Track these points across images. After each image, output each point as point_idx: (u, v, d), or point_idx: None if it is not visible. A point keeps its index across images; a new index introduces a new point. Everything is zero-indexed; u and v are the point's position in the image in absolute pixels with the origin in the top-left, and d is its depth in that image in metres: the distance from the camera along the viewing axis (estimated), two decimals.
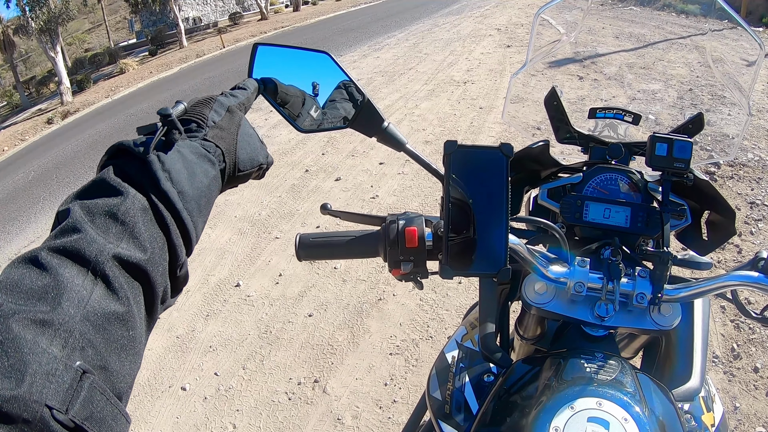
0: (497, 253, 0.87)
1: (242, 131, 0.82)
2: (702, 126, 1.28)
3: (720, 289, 0.99)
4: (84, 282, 0.54)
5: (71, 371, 0.49)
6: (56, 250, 0.54)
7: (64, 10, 29.06)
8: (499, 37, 12.29)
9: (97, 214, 0.59)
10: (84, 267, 0.55)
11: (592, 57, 5.02)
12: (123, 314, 0.56)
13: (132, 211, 0.61)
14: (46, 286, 0.51)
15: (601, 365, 0.94)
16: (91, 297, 0.54)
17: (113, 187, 0.62)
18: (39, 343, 0.48)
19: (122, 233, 0.59)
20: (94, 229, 0.57)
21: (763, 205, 4.17)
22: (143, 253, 0.60)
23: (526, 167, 1.40)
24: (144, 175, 0.65)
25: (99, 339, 0.53)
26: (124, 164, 0.65)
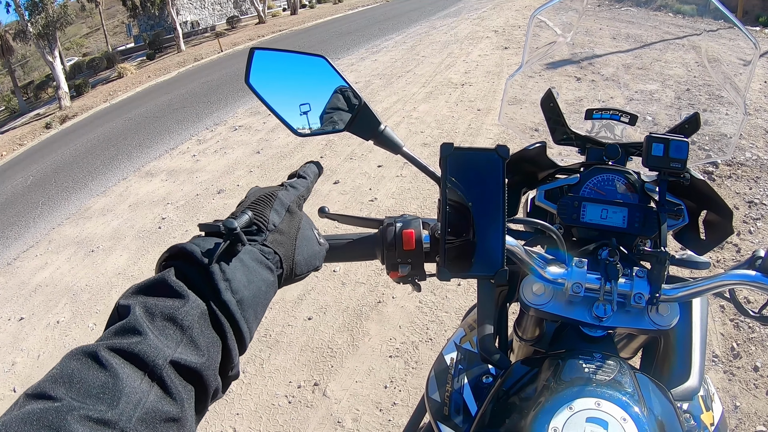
0: (494, 255, 0.87)
1: (301, 234, 0.83)
2: (698, 126, 1.29)
3: (718, 288, 0.99)
4: (141, 384, 0.55)
5: None
6: (116, 350, 0.56)
7: (62, 14, 29.07)
8: (496, 39, 12.30)
9: (158, 315, 0.60)
10: (142, 370, 0.56)
11: (589, 58, 5.02)
12: (176, 415, 0.57)
13: (191, 316, 0.62)
14: (105, 384, 0.52)
15: (599, 366, 0.94)
16: (148, 399, 0.54)
17: (174, 290, 0.63)
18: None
19: (180, 337, 0.60)
20: (153, 333, 0.58)
21: (761, 204, 4.17)
22: (199, 357, 0.61)
23: (523, 169, 1.40)
24: (204, 281, 0.66)
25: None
26: (185, 267, 0.66)
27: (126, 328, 0.58)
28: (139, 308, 0.60)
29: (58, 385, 0.51)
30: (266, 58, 1.03)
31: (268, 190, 0.82)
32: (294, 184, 0.87)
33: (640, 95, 3.24)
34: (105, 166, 11.25)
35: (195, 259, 0.67)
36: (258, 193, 0.82)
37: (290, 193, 0.85)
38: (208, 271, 0.66)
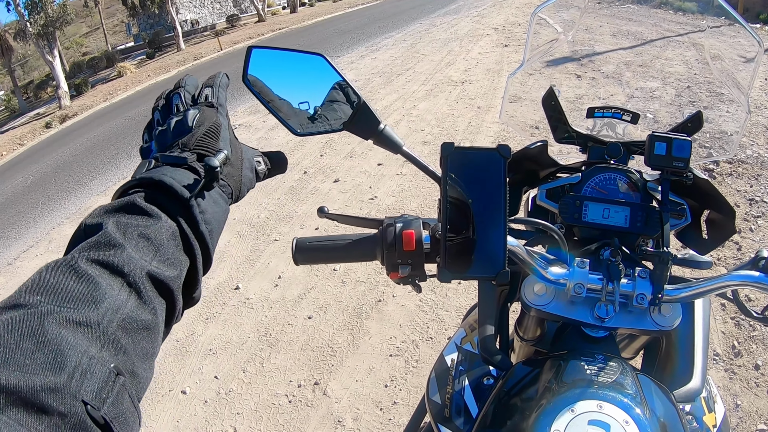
0: (496, 256, 0.86)
1: (244, 163, 0.86)
2: (701, 124, 1.28)
3: (721, 289, 0.99)
4: (120, 292, 0.58)
5: (106, 371, 0.52)
6: (94, 260, 0.58)
7: (61, 14, 29.06)
8: (496, 37, 12.28)
9: (131, 232, 0.63)
10: (121, 278, 0.59)
11: (589, 55, 5.00)
12: (151, 325, 0.61)
13: (163, 234, 0.66)
14: (85, 290, 0.55)
15: (601, 367, 0.93)
16: (126, 306, 0.58)
17: (146, 211, 0.66)
18: (78, 341, 0.51)
19: (154, 253, 0.64)
20: (130, 246, 0.61)
21: (762, 202, 4.17)
22: (172, 272, 0.65)
23: (524, 168, 1.39)
24: (178, 210, 0.69)
25: (130, 345, 0.57)
26: (157, 195, 0.69)
27: (101, 242, 0.60)
28: (112, 225, 0.62)
29: (35, 294, 0.53)
30: (264, 56, 1.02)
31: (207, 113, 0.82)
32: (220, 101, 0.86)
33: (640, 93, 3.22)
34: (105, 165, 11.27)
35: (173, 191, 0.69)
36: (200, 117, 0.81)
37: (225, 117, 0.85)
38: (187, 204, 0.70)
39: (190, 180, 0.72)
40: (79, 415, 0.48)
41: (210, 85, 0.88)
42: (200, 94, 0.86)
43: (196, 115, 0.80)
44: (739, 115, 3.26)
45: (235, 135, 0.86)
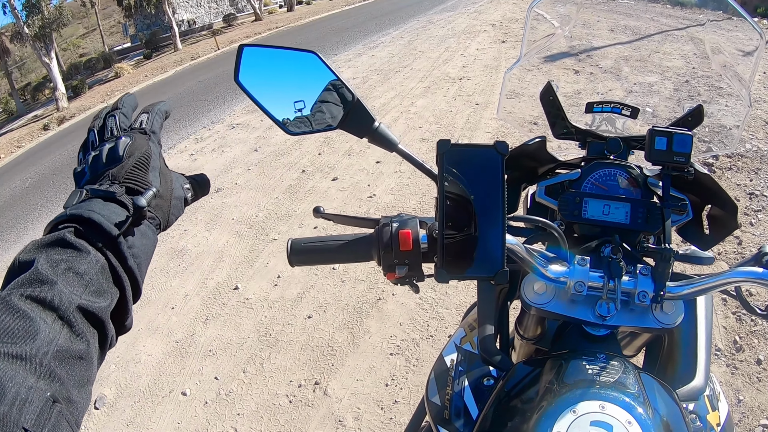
0: (494, 255, 0.84)
1: (174, 194, 0.87)
2: (702, 119, 1.26)
3: (724, 286, 0.97)
4: (52, 325, 0.61)
5: (43, 400, 0.55)
6: (28, 296, 0.61)
7: (58, 16, 29.00)
8: (493, 33, 12.27)
9: (62, 267, 0.65)
10: (53, 312, 0.61)
11: (587, 50, 4.99)
12: (84, 354, 0.63)
13: (93, 268, 0.68)
14: (20, 326, 0.58)
15: (603, 366, 0.92)
16: (59, 338, 0.60)
17: (75, 246, 0.68)
18: (16, 373, 0.54)
19: (85, 287, 0.66)
20: (60, 281, 0.64)
21: (762, 196, 4.16)
22: (102, 303, 0.68)
23: (522, 164, 1.37)
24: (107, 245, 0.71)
25: (65, 374, 0.60)
26: (84, 230, 0.71)
27: (33, 278, 0.63)
28: (43, 260, 0.65)
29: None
30: (256, 55, 1.00)
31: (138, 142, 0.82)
32: (153, 128, 0.87)
33: (639, 87, 3.21)
34: None
35: (101, 228, 0.71)
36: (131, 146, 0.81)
37: (156, 145, 0.86)
38: (115, 240, 0.72)
39: (120, 216, 0.74)
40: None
41: (147, 111, 0.89)
42: (136, 120, 0.88)
43: (128, 144, 0.81)
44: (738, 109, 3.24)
45: (165, 163, 0.87)
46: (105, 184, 0.76)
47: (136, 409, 3.45)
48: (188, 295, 4.47)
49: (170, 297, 4.49)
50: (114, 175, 0.77)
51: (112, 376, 3.74)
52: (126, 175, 0.78)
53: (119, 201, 0.75)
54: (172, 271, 4.83)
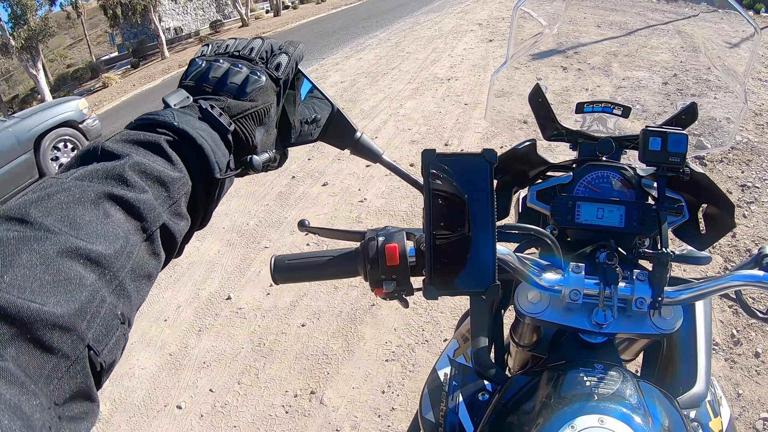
0: (485, 269, 0.80)
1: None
2: (695, 116, 1.24)
3: (724, 290, 0.94)
4: (135, 236, 0.56)
5: (113, 317, 0.50)
6: (113, 196, 0.55)
7: (44, 27, 28.88)
8: (481, 32, 12.26)
9: (153, 177, 0.60)
10: (138, 222, 0.57)
11: (574, 47, 4.97)
12: (153, 274, 0.60)
13: (180, 191, 0.64)
14: (101, 225, 0.52)
15: (601, 377, 0.89)
16: (138, 251, 0.56)
17: (171, 160, 0.64)
18: (91, 280, 0.48)
19: (169, 204, 0.62)
20: (152, 191, 0.59)
21: (754, 188, 4.15)
22: (180, 226, 0.65)
23: (513, 168, 1.35)
24: (199, 173, 0.68)
25: (134, 292, 0.55)
26: (185, 148, 0.67)
27: (122, 177, 0.57)
28: (136, 160, 0.59)
29: (45, 213, 0.50)
30: None
31: (266, 89, 0.78)
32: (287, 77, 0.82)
33: (628, 82, 3.20)
34: None
35: (207, 161, 0.68)
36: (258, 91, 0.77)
37: (279, 100, 0.81)
38: (213, 181, 0.69)
39: (225, 157, 0.72)
40: (82, 359, 0.46)
41: (287, 52, 0.83)
42: (273, 57, 0.81)
43: (258, 87, 0.76)
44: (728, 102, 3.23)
45: (276, 121, 0.83)
46: (217, 108, 0.72)
47: (131, 424, 3.40)
48: (181, 307, 4.42)
49: (163, 309, 4.44)
50: (230, 107, 0.74)
51: (106, 391, 3.68)
52: (240, 117, 0.74)
53: (227, 140, 0.72)
54: (164, 283, 4.78)
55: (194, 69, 0.78)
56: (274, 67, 0.80)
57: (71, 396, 0.45)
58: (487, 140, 6.07)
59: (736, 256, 3.53)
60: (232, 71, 0.76)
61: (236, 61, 0.78)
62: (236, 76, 0.76)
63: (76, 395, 0.46)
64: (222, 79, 0.76)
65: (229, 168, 0.72)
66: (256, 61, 0.79)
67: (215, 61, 0.78)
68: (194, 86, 0.76)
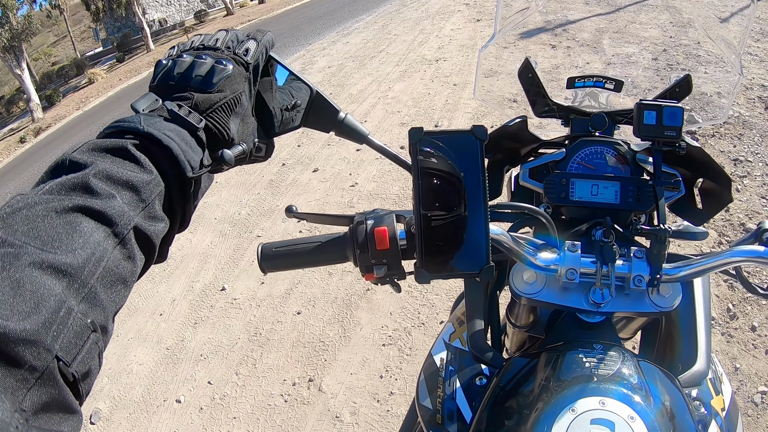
0: (478, 250, 0.78)
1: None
2: (690, 89, 1.21)
3: (723, 266, 0.92)
4: (104, 242, 0.55)
5: (82, 326, 0.50)
6: (79, 206, 0.54)
7: (26, 26, 28.62)
8: (468, 12, 12.20)
9: (121, 182, 0.60)
10: (107, 227, 0.56)
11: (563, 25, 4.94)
12: (128, 279, 0.59)
13: (153, 192, 0.63)
14: (67, 233, 0.52)
15: (600, 358, 0.87)
16: (109, 257, 0.55)
17: (139, 162, 0.63)
18: (57, 290, 0.48)
19: (141, 208, 0.61)
20: (120, 196, 0.58)
21: (746, 162, 4.14)
22: (156, 228, 0.63)
23: (504, 146, 1.32)
24: (171, 173, 0.66)
25: (107, 299, 0.54)
26: (150, 147, 0.65)
27: (86, 186, 0.57)
28: (101, 168, 0.59)
29: (10, 227, 0.50)
30: None
31: (235, 77, 0.76)
32: (257, 63, 0.80)
33: (617, 59, 3.16)
34: None
35: (176, 161, 0.66)
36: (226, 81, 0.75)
37: (250, 87, 0.79)
38: (187, 180, 0.68)
39: (197, 155, 0.70)
40: (51, 370, 0.45)
41: (256, 38, 0.81)
42: (241, 44, 0.79)
43: (225, 76, 0.74)
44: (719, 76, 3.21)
45: (252, 108, 0.81)
46: (185, 108, 0.70)
47: (132, 420, 3.39)
48: (176, 300, 4.40)
49: (158, 303, 4.42)
50: (198, 103, 0.72)
51: (105, 389, 3.67)
52: (210, 112, 0.73)
53: (198, 137, 0.71)
54: (158, 277, 4.76)
55: (160, 70, 0.76)
56: (243, 53, 0.77)
57: (44, 407, 0.45)
58: (477, 119, 6.05)
59: (730, 230, 3.52)
60: (196, 63, 0.74)
61: (201, 53, 0.76)
62: (200, 68, 0.73)
63: (50, 406, 0.46)
64: (186, 73, 0.73)
65: (202, 165, 0.70)
66: (222, 50, 0.77)
67: (179, 57, 0.76)
68: (162, 87, 0.74)
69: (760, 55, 5.84)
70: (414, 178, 0.78)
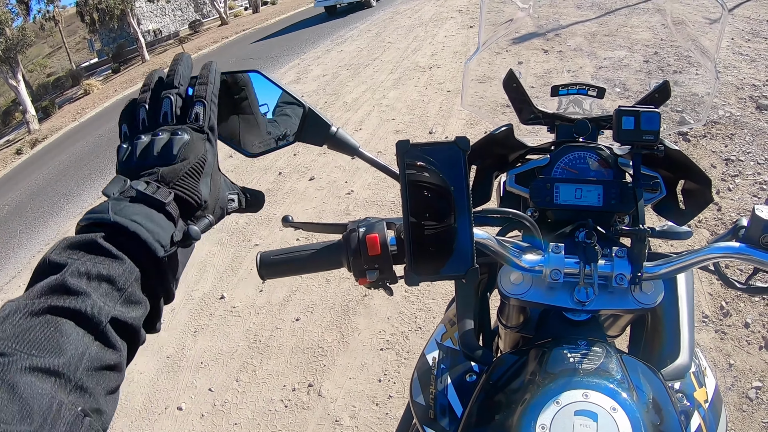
0: (464, 253, 0.82)
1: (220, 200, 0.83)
2: (669, 95, 1.25)
3: (701, 263, 0.96)
4: (83, 338, 0.58)
5: (74, 415, 0.54)
6: (57, 308, 0.58)
7: (21, 37, 28.59)
8: (461, 19, 12.27)
9: (95, 276, 0.62)
10: (84, 327, 0.59)
11: (555, 30, 4.99)
12: (114, 364, 0.62)
13: (128, 279, 0.65)
14: (51, 338, 0.56)
15: (585, 353, 0.91)
16: (90, 350, 0.58)
17: (110, 253, 0.65)
18: (47, 389, 0.52)
19: (118, 298, 0.64)
20: (94, 292, 0.61)
21: (738, 161, 4.18)
22: (135, 313, 0.66)
23: (492, 152, 1.36)
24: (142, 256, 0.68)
25: (95, 385, 0.58)
26: (118, 236, 0.67)
27: (64, 287, 0.60)
28: (75, 266, 0.62)
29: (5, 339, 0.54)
30: None
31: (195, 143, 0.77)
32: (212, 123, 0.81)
33: (609, 62, 3.21)
34: (79, 186, 11.13)
35: (145, 245, 0.68)
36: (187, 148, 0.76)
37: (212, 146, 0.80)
38: (158, 260, 0.69)
39: (167, 231, 0.71)
40: None
41: (202, 97, 0.81)
42: (191, 109, 0.79)
43: (183, 144, 0.75)
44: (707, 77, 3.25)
45: (218, 167, 0.82)
46: (152, 184, 0.72)
47: (133, 429, 3.42)
48: (175, 309, 4.42)
49: None
50: (164, 176, 0.73)
51: None
52: (177, 181, 0.74)
53: (167, 212, 0.72)
54: None
55: (122, 154, 0.77)
56: (194, 120, 0.79)
57: None
58: (471, 126, 6.08)
59: (722, 229, 3.56)
60: (154, 142, 0.75)
61: (157, 131, 0.77)
62: (159, 144, 0.75)
63: None
64: (147, 152, 0.75)
65: (173, 241, 0.71)
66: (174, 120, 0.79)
67: (137, 139, 0.77)
68: (127, 169, 0.76)
69: (750, 55, 5.88)
70: (402, 188, 0.82)
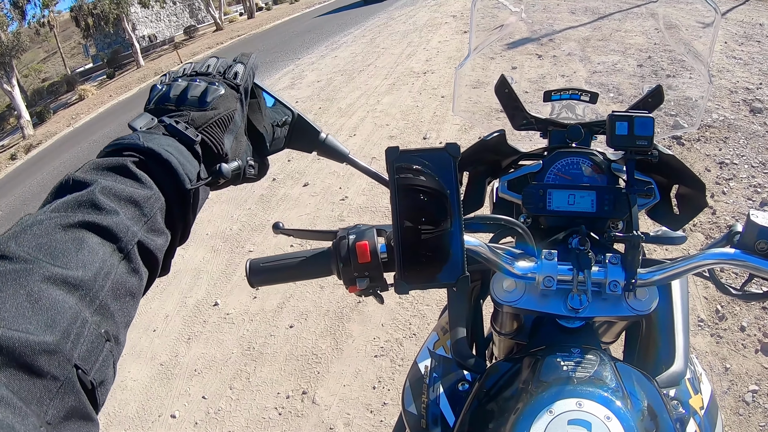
0: (455, 261, 0.81)
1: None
2: (662, 99, 1.24)
3: (695, 269, 0.95)
4: (111, 257, 0.57)
5: (97, 336, 0.52)
6: (85, 222, 0.57)
7: (16, 42, 28.58)
8: (455, 24, 12.28)
9: (124, 198, 0.62)
10: (113, 243, 0.58)
11: (549, 34, 4.99)
12: (136, 291, 0.61)
13: (154, 206, 0.66)
14: (76, 249, 0.54)
15: (578, 361, 0.90)
16: (117, 271, 0.57)
17: (139, 179, 0.66)
18: (71, 303, 0.50)
19: (144, 223, 0.64)
20: (123, 212, 0.61)
21: (732, 164, 4.18)
22: (159, 242, 0.66)
23: (485, 159, 1.35)
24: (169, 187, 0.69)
25: (117, 311, 0.57)
26: (149, 163, 0.68)
27: (91, 203, 0.59)
28: (103, 185, 0.61)
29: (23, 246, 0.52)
30: None
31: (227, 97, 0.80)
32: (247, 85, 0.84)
33: (603, 67, 3.21)
34: None
35: (175, 173, 0.69)
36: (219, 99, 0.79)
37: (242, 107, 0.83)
38: (185, 193, 0.71)
39: (194, 168, 0.73)
40: (71, 379, 0.48)
41: (243, 62, 0.85)
42: (230, 68, 0.84)
43: (217, 95, 0.79)
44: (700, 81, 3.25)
45: (245, 131, 0.85)
46: (182, 124, 0.74)
47: None
48: (169, 316, 4.40)
49: (151, 319, 4.42)
50: (194, 119, 0.76)
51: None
52: (205, 127, 0.76)
53: (195, 151, 0.74)
54: (151, 293, 4.71)
55: (155, 93, 0.80)
56: (232, 76, 0.82)
57: (66, 415, 0.47)
58: (465, 131, 6.08)
59: (717, 232, 3.56)
60: (191, 86, 0.78)
61: (194, 78, 0.81)
62: (195, 90, 0.78)
63: (71, 414, 0.48)
64: (182, 95, 0.77)
65: (199, 178, 0.73)
66: (213, 75, 0.82)
67: (174, 81, 0.80)
68: (157, 108, 0.77)
69: (744, 59, 5.90)
70: (392, 195, 0.81)
